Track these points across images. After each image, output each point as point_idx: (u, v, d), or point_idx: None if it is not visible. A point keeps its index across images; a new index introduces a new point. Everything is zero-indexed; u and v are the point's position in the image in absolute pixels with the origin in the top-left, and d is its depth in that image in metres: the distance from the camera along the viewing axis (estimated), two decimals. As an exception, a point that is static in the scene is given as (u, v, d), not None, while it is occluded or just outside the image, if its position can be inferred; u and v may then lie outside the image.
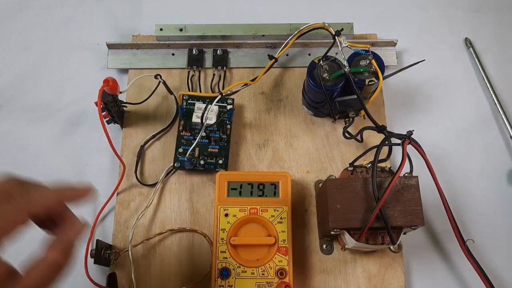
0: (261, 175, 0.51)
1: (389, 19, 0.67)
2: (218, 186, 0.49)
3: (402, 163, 0.43)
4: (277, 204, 0.49)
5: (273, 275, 0.46)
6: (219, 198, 0.49)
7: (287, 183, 0.50)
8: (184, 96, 0.57)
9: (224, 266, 0.46)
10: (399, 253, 0.52)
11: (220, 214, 0.48)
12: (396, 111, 0.60)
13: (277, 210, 0.48)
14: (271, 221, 0.48)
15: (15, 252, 0.33)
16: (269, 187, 0.50)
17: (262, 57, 0.61)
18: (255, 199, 0.49)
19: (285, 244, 0.47)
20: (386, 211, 0.43)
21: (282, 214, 0.48)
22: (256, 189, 0.50)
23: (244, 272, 0.46)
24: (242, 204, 0.48)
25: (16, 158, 0.57)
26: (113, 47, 0.61)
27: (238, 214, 0.48)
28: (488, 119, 0.61)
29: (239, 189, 0.49)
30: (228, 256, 0.46)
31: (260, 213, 0.48)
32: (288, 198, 0.49)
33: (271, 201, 0.49)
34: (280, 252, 0.47)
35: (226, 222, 0.48)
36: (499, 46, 0.65)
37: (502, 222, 0.55)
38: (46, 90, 0.61)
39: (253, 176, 0.50)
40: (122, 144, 0.57)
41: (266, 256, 0.47)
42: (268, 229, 0.48)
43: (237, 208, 0.48)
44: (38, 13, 0.66)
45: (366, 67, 0.51)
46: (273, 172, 0.51)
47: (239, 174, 0.52)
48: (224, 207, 0.48)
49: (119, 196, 0.55)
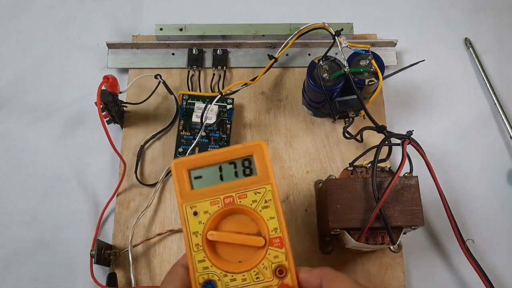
0: (228, 152, 0.38)
1: (389, 19, 0.67)
2: (176, 179, 0.37)
3: (402, 163, 0.43)
4: (256, 185, 0.37)
5: (270, 276, 0.36)
6: (181, 194, 0.37)
7: (264, 155, 0.37)
8: (184, 96, 0.57)
9: (206, 279, 0.36)
10: (399, 253, 0.52)
11: (187, 215, 0.36)
12: (396, 111, 0.60)
13: (258, 193, 0.37)
14: (254, 208, 0.36)
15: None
16: (242, 164, 0.38)
17: (262, 57, 0.61)
18: (227, 184, 0.37)
19: (278, 234, 0.36)
20: (386, 211, 0.43)
21: (266, 195, 0.37)
22: (226, 171, 0.37)
23: (233, 280, 0.36)
24: (212, 195, 0.37)
25: (16, 158, 0.57)
26: (113, 47, 0.61)
27: (210, 209, 0.36)
28: (488, 119, 0.61)
29: (205, 176, 0.37)
30: (209, 265, 0.35)
31: (238, 201, 0.36)
32: (269, 173, 0.37)
33: (248, 182, 0.37)
34: (273, 245, 0.36)
35: (198, 222, 0.36)
36: (499, 46, 0.65)
37: (502, 222, 0.55)
38: (46, 90, 0.61)
39: (219, 155, 0.37)
40: (122, 144, 0.57)
41: (257, 254, 0.36)
42: (253, 219, 0.37)
43: (208, 202, 0.37)
44: (38, 13, 0.66)
45: (366, 67, 0.51)
46: (242, 145, 0.38)
47: (200, 157, 0.38)
48: (190, 204, 0.37)
49: (119, 196, 0.55)
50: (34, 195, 0.56)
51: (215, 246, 0.36)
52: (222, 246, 0.36)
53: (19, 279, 0.52)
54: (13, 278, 0.52)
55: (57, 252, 0.53)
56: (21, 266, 0.53)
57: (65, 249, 0.53)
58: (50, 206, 0.55)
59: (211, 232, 0.36)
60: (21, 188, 0.56)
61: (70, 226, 0.54)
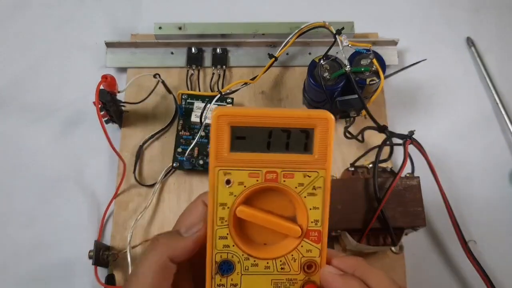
0: (285, 116, 0.30)
1: (391, 18, 0.66)
2: (214, 135, 0.30)
3: (403, 163, 0.42)
4: (308, 166, 0.31)
5: (297, 270, 0.32)
6: (217, 155, 0.30)
7: (329, 132, 0.30)
8: (183, 95, 0.56)
9: (224, 259, 0.31)
10: (401, 254, 0.51)
11: (218, 181, 0.30)
12: (398, 111, 0.60)
13: (308, 176, 0.31)
14: (299, 192, 0.31)
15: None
16: (298, 136, 0.31)
17: (262, 56, 0.60)
18: (274, 156, 0.30)
19: (318, 227, 0.31)
20: (387, 212, 0.43)
21: (316, 181, 0.31)
22: (277, 139, 0.30)
23: (255, 265, 0.32)
24: (254, 165, 0.30)
25: (14, 158, 0.57)
26: (112, 46, 0.61)
27: (246, 181, 0.30)
28: (490, 119, 0.60)
29: (249, 138, 0.30)
30: (230, 244, 0.31)
31: (282, 180, 0.31)
32: (328, 155, 0.31)
33: (300, 159, 0.31)
34: (309, 238, 0.31)
35: (228, 193, 0.30)
36: (500, 46, 0.65)
37: (504, 223, 0.55)
38: (45, 90, 0.61)
39: (272, 117, 0.30)
40: (121, 144, 0.57)
41: (288, 243, 0.32)
42: (293, 203, 0.32)
43: (246, 172, 0.30)
44: (36, 13, 0.66)
45: (367, 66, 0.50)
46: (306, 112, 0.30)
47: (248, 113, 0.30)
48: (225, 169, 0.30)
49: (118, 197, 0.54)
50: (32, 195, 0.55)
51: (242, 223, 0.31)
52: (249, 225, 0.31)
53: (18, 280, 0.52)
54: (12, 279, 0.52)
55: (56, 253, 0.53)
56: (19, 267, 0.52)
57: (64, 250, 0.53)
58: (49, 206, 0.55)
59: (242, 208, 0.30)
60: (19, 188, 0.56)
61: (69, 227, 0.54)
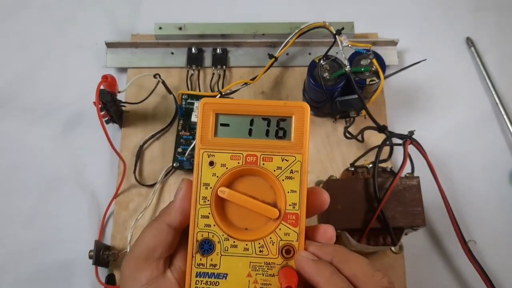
0: (265, 105, 0.34)
1: (390, 18, 0.66)
2: (200, 120, 0.33)
3: (403, 163, 0.42)
4: (286, 150, 0.34)
5: (275, 254, 0.33)
6: (202, 139, 0.33)
7: (304, 119, 0.34)
8: (183, 95, 0.56)
9: (205, 238, 0.33)
10: (400, 254, 0.52)
11: (202, 162, 0.33)
12: (397, 111, 0.60)
13: (286, 160, 0.33)
14: (277, 175, 0.33)
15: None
16: (277, 124, 0.34)
17: (262, 56, 0.60)
18: (254, 142, 0.34)
19: (295, 210, 0.33)
20: (387, 212, 0.43)
21: (293, 165, 0.33)
22: (258, 126, 0.34)
23: (234, 246, 0.33)
24: (235, 149, 0.33)
25: (15, 158, 0.57)
26: (112, 46, 0.61)
27: (228, 163, 0.33)
28: (490, 119, 0.60)
29: (233, 125, 0.34)
30: (211, 224, 0.32)
31: (261, 163, 0.33)
32: (304, 141, 0.34)
33: (278, 144, 0.34)
34: (287, 221, 0.33)
35: (211, 174, 0.33)
36: (500, 46, 0.65)
37: (504, 223, 0.55)
38: (45, 90, 0.61)
39: (253, 107, 0.34)
40: (121, 144, 0.57)
41: (267, 226, 0.33)
42: (272, 187, 0.34)
43: (228, 154, 0.33)
44: (37, 13, 0.66)
45: (367, 66, 0.50)
46: (283, 102, 0.34)
47: (232, 103, 0.35)
48: (209, 151, 0.33)
49: (118, 197, 0.54)
50: (33, 195, 0.55)
51: (224, 205, 0.33)
52: (230, 207, 0.33)
53: (18, 280, 0.52)
54: (12, 279, 0.52)
55: (56, 253, 0.53)
56: (19, 267, 0.52)
57: (64, 250, 0.53)
58: (49, 206, 0.55)
59: (223, 188, 0.32)
60: (19, 188, 0.56)
61: (69, 227, 0.54)
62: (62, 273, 0.52)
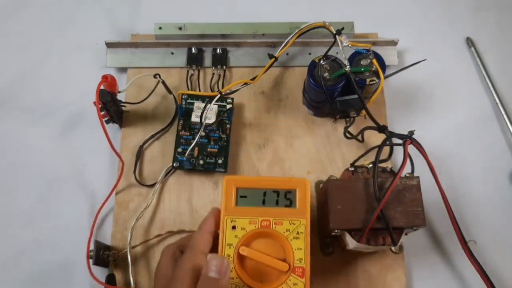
0: (276, 181, 0.44)
1: (390, 18, 0.66)
2: (224, 193, 0.42)
3: (403, 163, 0.42)
4: (293, 216, 0.42)
5: None
6: (226, 208, 0.42)
7: (306, 192, 0.42)
8: (183, 95, 0.57)
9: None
10: (400, 254, 0.52)
11: (226, 227, 0.41)
12: (397, 111, 0.60)
13: (293, 223, 0.41)
14: (286, 236, 0.41)
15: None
16: (285, 195, 0.43)
17: (262, 56, 0.60)
18: (268, 210, 0.42)
19: (301, 264, 0.40)
20: (387, 212, 0.43)
21: (299, 228, 0.41)
22: (269, 197, 0.42)
23: None
24: (252, 215, 0.41)
25: (15, 158, 0.57)
26: (112, 46, 0.61)
27: (247, 226, 0.41)
28: (490, 119, 0.60)
29: (250, 197, 0.43)
30: (234, 276, 0.40)
31: (273, 226, 0.41)
32: (307, 209, 0.42)
33: (287, 212, 0.42)
34: (295, 274, 0.40)
35: (234, 236, 0.41)
36: (501, 46, 0.65)
37: (504, 223, 0.55)
38: (45, 90, 0.61)
39: (266, 182, 0.43)
40: (121, 144, 0.57)
41: (279, 278, 0.40)
42: (282, 246, 0.41)
43: (247, 220, 0.41)
44: (37, 12, 0.66)
45: (367, 66, 0.50)
46: (289, 178, 0.44)
47: (250, 180, 0.44)
48: (231, 218, 0.41)
49: (118, 197, 0.54)
50: (32, 195, 0.55)
51: (244, 261, 0.41)
52: (249, 263, 0.41)
53: (17, 279, 0.52)
54: (11, 278, 0.52)
55: (55, 253, 0.53)
56: (19, 267, 0.52)
57: (63, 250, 0.53)
58: (49, 206, 0.55)
59: (243, 247, 0.40)
60: (19, 188, 0.56)
61: (68, 227, 0.54)
62: (62, 273, 0.52)
